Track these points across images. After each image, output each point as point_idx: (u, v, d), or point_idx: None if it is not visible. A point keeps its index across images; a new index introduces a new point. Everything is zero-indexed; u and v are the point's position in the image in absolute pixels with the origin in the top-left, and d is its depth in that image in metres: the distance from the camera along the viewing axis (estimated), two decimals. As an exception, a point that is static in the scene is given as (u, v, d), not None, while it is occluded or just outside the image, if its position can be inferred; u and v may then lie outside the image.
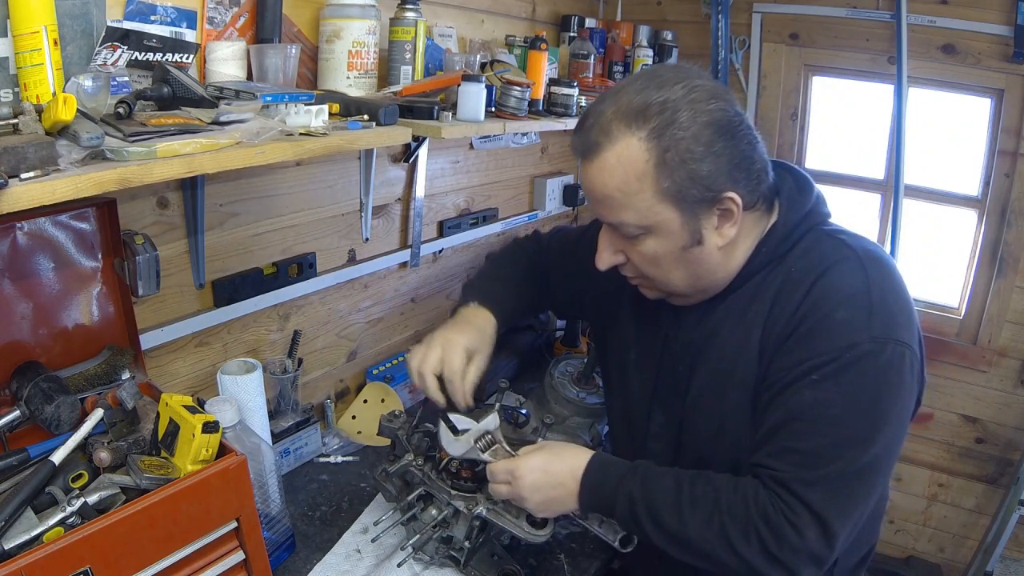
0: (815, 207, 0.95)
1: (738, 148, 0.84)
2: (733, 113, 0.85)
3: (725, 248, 0.91)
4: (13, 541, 0.73)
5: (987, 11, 1.81)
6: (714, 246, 0.90)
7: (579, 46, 1.83)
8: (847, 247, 0.90)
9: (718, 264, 0.92)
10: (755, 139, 0.88)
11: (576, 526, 1.23)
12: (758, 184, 0.89)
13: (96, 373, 1.02)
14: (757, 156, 0.88)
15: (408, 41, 1.31)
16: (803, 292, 0.88)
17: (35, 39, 0.77)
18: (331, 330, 1.54)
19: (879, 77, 2.01)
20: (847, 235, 0.94)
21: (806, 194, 0.96)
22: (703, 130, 0.82)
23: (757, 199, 0.90)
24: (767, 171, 0.91)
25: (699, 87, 0.84)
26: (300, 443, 1.33)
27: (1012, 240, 1.94)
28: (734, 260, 0.93)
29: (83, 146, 0.72)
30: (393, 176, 1.60)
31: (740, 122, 0.85)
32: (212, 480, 0.84)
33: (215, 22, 1.08)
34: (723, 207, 0.87)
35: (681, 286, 0.94)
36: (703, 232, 0.88)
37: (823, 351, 0.84)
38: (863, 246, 0.91)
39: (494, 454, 0.99)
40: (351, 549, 1.13)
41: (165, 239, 1.14)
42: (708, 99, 0.83)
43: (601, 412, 1.30)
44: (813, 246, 0.92)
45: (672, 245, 0.89)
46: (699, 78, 0.86)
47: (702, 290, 0.96)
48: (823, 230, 0.94)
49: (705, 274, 0.93)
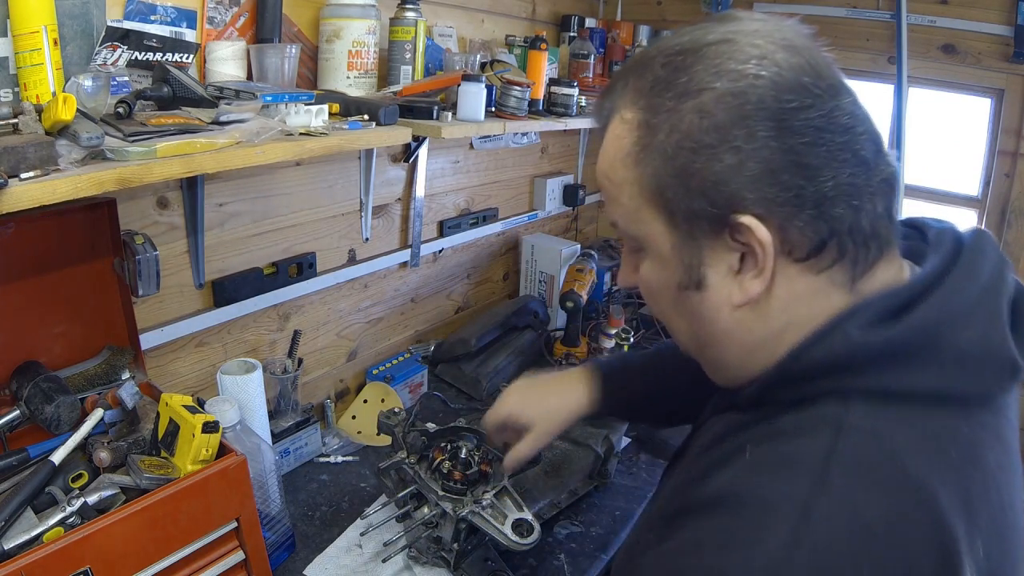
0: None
1: (785, 147, 0.49)
2: (792, 87, 0.49)
3: (750, 311, 0.55)
4: (13, 541, 0.73)
5: (987, 11, 1.81)
6: (725, 300, 0.55)
7: (579, 46, 1.83)
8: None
9: (734, 334, 0.57)
10: (836, 142, 0.50)
11: (576, 526, 1.24)
12: (823, 217, 0.50)
13: (96, 373, 1.02)
14: (836, 171, 0.50)
15: (408, 41, 1.31)
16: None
17: (35, 39, 0.77)
18: (331, 330, 1.54)
19: (879, 77, 2.01)
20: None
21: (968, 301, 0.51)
22: (722, 104, 0.50)
23: (823, 244, 0.51)
24: (859, 204, 0.51)
25: (747, 34, 0.52)
26: (300, 443, 1.33)
27: (1012, 240, 1.93)
28: (775, 339, 0.55)
29: (83, 146, 0.72)
30: (393, 176, 1.60)
31: (804, 106, 0.49)
32: (212, 480, 0.84)
33: (215, 22, 1.08)
34: (742, 245, 0.52)
35: (690, 346, 0.63)
36: (704, 271, 0.55)
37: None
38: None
39: None
40: (352, 543, 1.14)
41: (165, 239, 1.14)
42: (752, 59, 0.50)
43: (616, 423, 1.28)
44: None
45: (665, 277, 0.58)
46: (758, 22, 0.53)
47: (716, 369, 0.63)
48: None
49: (715, 340, 0.59)
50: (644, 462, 1.42)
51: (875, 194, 0.51)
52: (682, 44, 0.53)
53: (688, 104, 0.51)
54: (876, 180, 0.51)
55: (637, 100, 0.55)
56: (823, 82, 0.50)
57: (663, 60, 0.54)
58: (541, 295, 2.04)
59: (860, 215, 0.51)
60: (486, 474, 1.07)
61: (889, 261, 0.54)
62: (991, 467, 0.49)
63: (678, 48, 0.53)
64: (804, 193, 0.50)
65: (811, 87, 0.50)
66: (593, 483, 1.29)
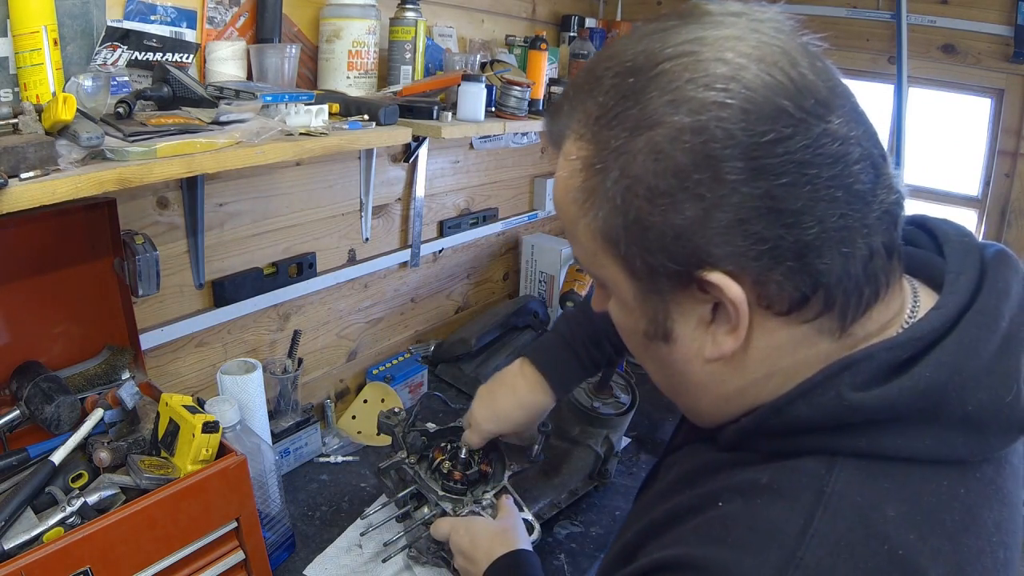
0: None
1: (758, 191, 0.41)
2: (767, 115, 0.40)
3: (725, 364, 0.49)
4: (13, 541, 0.73)
5: (987, 11, 1.81)
6: (696, 353, 0.49)
7: (579, 46, 1.83)
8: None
9: (707, 386, 0.52)
10: (822, 177, 0.41)
11: (576, 526, 1.24)
12: (805, 269, 0.43)
13: (96, 373, 1.02)
14: (822, 213, 0.42)
15: (408, 41, 1.31)
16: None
17: (35, 39, 0.77)
18: (331, 330, 1.54)
19: (879, 77, 2.01)
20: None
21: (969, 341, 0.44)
22: (680, 143, 0.41)
23: (807, 298, 0.44)
24: (849, 248, 0.43)
25: (712, 44, 0.42)
26: (300, 443, 1.33)
27: (1012, 240, 1.93)
28: (754, 387, 0.50)
29: (83, 146, 0.72)
30: (393, 176, 1.60)
31: (782, 138, 0.40)
32: (212, 480, 0.84)
33: (215, 22, 1.08)
34: (713, 295, 0.45)
35: (663, 389, 0.58)
36: (673, 325, 0.49)
37: None
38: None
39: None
40: (352, 543, 1.14)
41: (165, 239, 1.14)
42: (717, 81, 0.41)
43: (616, 423, 1.29)
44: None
45: (631, 323, 0.52)
46: (730, 20, 0.44)
47: (690, 413, 0.59)
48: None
49: (688, 391, 0.54)
50: (644, 462, 1.42)
51: (872, 233, 0.43)
52: (634, 59, 0.44)
53: (640, 142, 0.43)
54: (874, 215, 0.43)
55: (582, 131, 0.47)
56: (807, 100, 0.41)
57: (611, 81, 0.45)
58: (541, 295, 2.04)
59: (851, 262, 0.43)
60: (486, 474, 1.07)
61: (887, 302, 0.47)
62: (988, 529, 0.44)
63: (629, 65, 0.44)
64: (782, 244, 0.42)
65: (791, 111, 0.40)
66: (593, 483, 1.29)
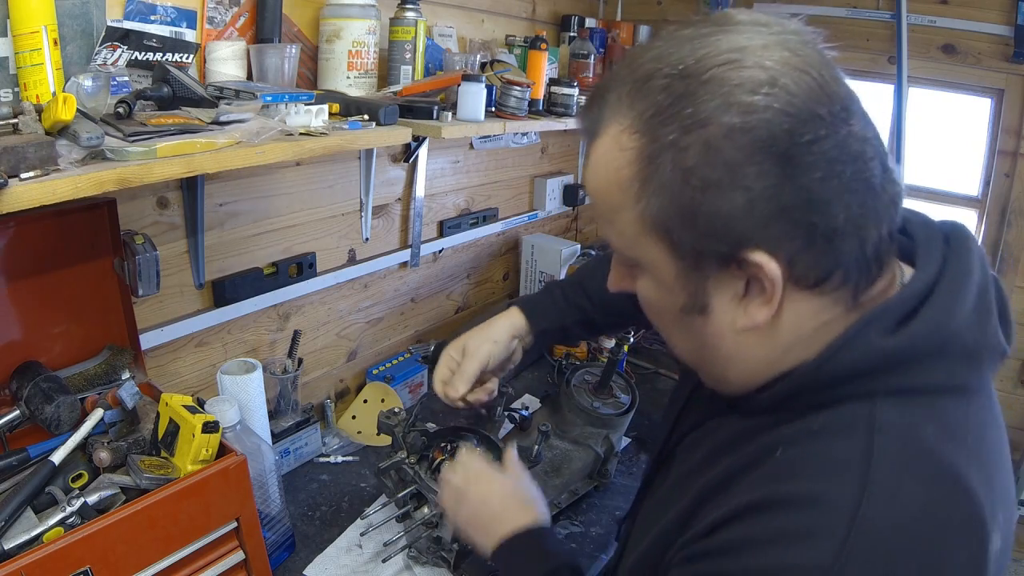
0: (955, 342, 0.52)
1: (797, 184, 0.48)
2: (805, 118, 0.47)
3: (754, 333, 0.55)
4: (13, 541, 0.73)
5: (987, 11, 1.81)
6: (729, 325, 0.55)
7: (579, 46, 1.83)
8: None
9: (737, 355, 0.57)
10: (847, 173, 0.48)
11: (576, 526, 1.24)
12: (832, 250, 0.50)
13: (96, 373, 1.02)
14: (847, 202, 0.49)
15: (408, 41, 1.31)
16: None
17: (35, 39, 0.77)
18: (331, 330, 1.54)
19: (879, 77, 2.00)
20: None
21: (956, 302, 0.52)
22: (731, 140, 0.47)
23: (830, 273, 0.52)
24: (865, 233, 0.51)
25: (755, 53, 0.48)
26: (300, 443, 1.33)
27: (1012, 240, 1.93)
28: (779, 356, 0.56)
29: (83, 146, 0.72)
30: (393, 176, 1.60)
31: (817, 139, 0.47)
32: (212, 480, 0.84)
33: (215, 22, 1.08)
34: (748, 272, 0.52)
35: (690, 360, 0.64)
36: (709, 299, 0.55)
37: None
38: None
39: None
40: (352, 543, 1.14)
41: (165, 239, 1.14)
42: (763, 87, 0.47)
43: (616, 423, 1.30)
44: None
45: (667, 300, 0.58)
46: (764, 31, 0.50)
47: (715, 382, 0.63)
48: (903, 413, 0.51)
49: (717, 360, 0.59)
50: (644, 462, 1.42)
51: (881, 220, 0.51)
52: (684, 63, 0.49)
53: (693, 137, 0.48)
54: (883, 204, 0.51)
55: (636, 125, 0.52)
56: (835, 106, 0.48)
57: (663, 82, 0.50)
58: (541, 295, 2.04)
59: (866, 244, 0.51)
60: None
61: (884, 275, 0.56)
62: (995, 444, 0.54)
63: (681, 69, 0.49)
64: (815, 229, 0.49)
65: (824, 116, 0.47)
66: (593, 483, 1.29)
